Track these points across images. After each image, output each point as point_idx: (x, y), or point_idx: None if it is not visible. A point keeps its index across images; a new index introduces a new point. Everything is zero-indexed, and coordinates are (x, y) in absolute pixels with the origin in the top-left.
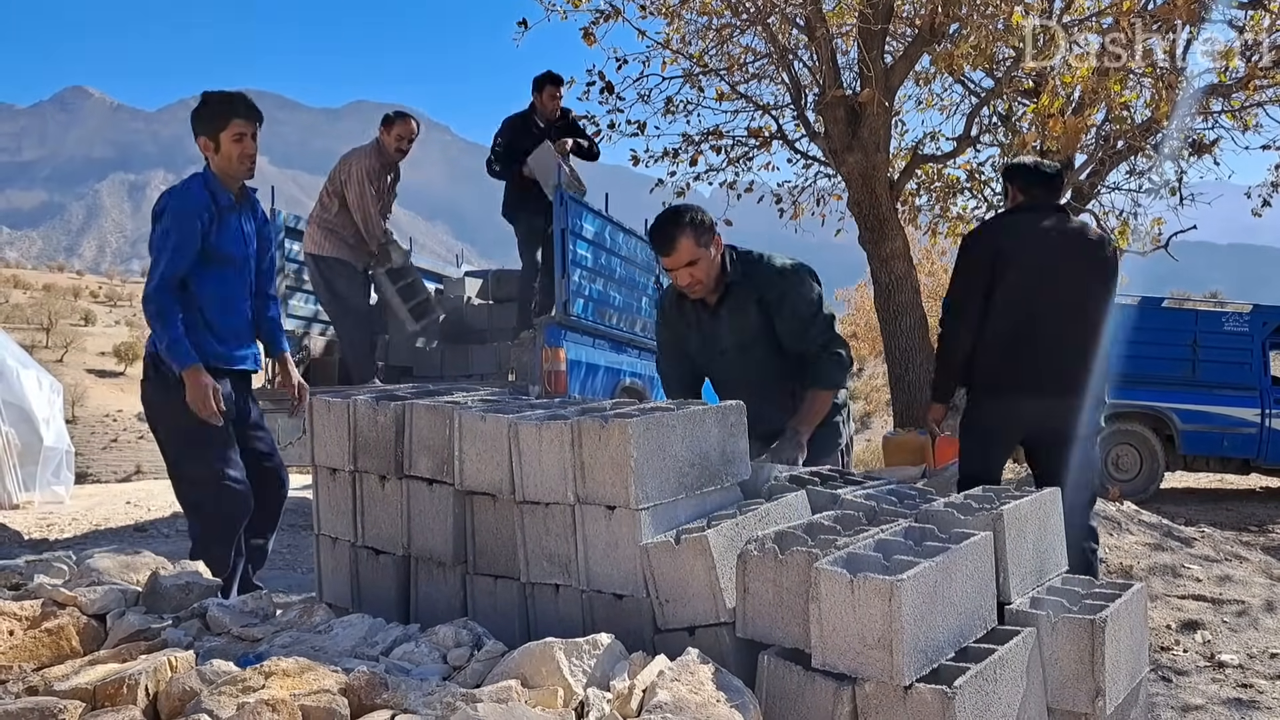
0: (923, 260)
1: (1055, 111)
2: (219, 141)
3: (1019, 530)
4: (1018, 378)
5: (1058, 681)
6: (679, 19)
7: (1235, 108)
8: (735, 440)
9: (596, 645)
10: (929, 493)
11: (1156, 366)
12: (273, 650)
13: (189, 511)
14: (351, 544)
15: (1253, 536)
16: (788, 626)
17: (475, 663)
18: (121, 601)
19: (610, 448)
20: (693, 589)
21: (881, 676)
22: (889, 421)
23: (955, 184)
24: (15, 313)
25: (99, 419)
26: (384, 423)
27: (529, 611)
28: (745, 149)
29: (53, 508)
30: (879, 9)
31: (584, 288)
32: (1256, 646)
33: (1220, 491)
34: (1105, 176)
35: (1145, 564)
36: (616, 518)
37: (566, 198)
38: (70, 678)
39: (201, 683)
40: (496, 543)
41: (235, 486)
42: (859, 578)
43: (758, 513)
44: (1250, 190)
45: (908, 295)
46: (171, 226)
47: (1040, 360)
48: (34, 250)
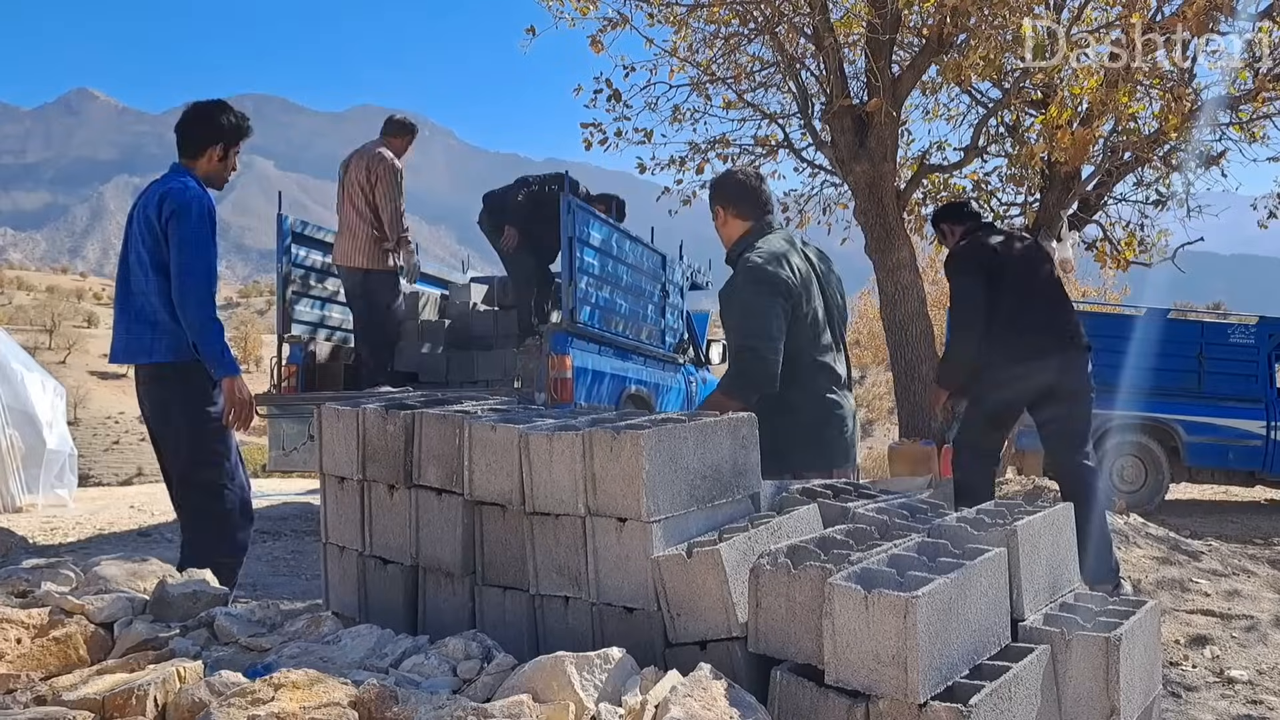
0: (927, 269)
1: (1063, 123)
2: (228, 153)
3: (1033, 546)
4: (1036, 344)
5: (1072, 699)
6: (687, 27)
7: (1243, 120)
8: (747, 452)
9: (608, 659)
10: (941, 507)
11: (1162, 378)
12: (281, 661)
13: (194, 517)
14: (359, 553)
15: (1259, 549)
16: (800, 642)
17: (485, 676)
18: (129, 610)
19: (622, 459)
20: (704, 603)
21: (896, 694)
22: (892, 430)
23: (962, 194)
24: (19, 314)
25: (101, 421)
26: (393, 431)
27: (538, 624)
28: (752, 158)
29: (56, 511)
30: (887, 19)
31: (590, 295)
32: (1266, 662)
33: (1225, 503)
34: (1112, 188)
35: (1153, 578)
36: (628, 530)
37: (574, 205)
38: (78, 687)
39: (211, 694)
40: (506, 554)
41: (243, 492)
42: (873, 593)
43: (769, 526)
44: (1256, 202)
45: (913, 305)
46: (209, 235)
47: (1047, 329)
48: (38, 252)
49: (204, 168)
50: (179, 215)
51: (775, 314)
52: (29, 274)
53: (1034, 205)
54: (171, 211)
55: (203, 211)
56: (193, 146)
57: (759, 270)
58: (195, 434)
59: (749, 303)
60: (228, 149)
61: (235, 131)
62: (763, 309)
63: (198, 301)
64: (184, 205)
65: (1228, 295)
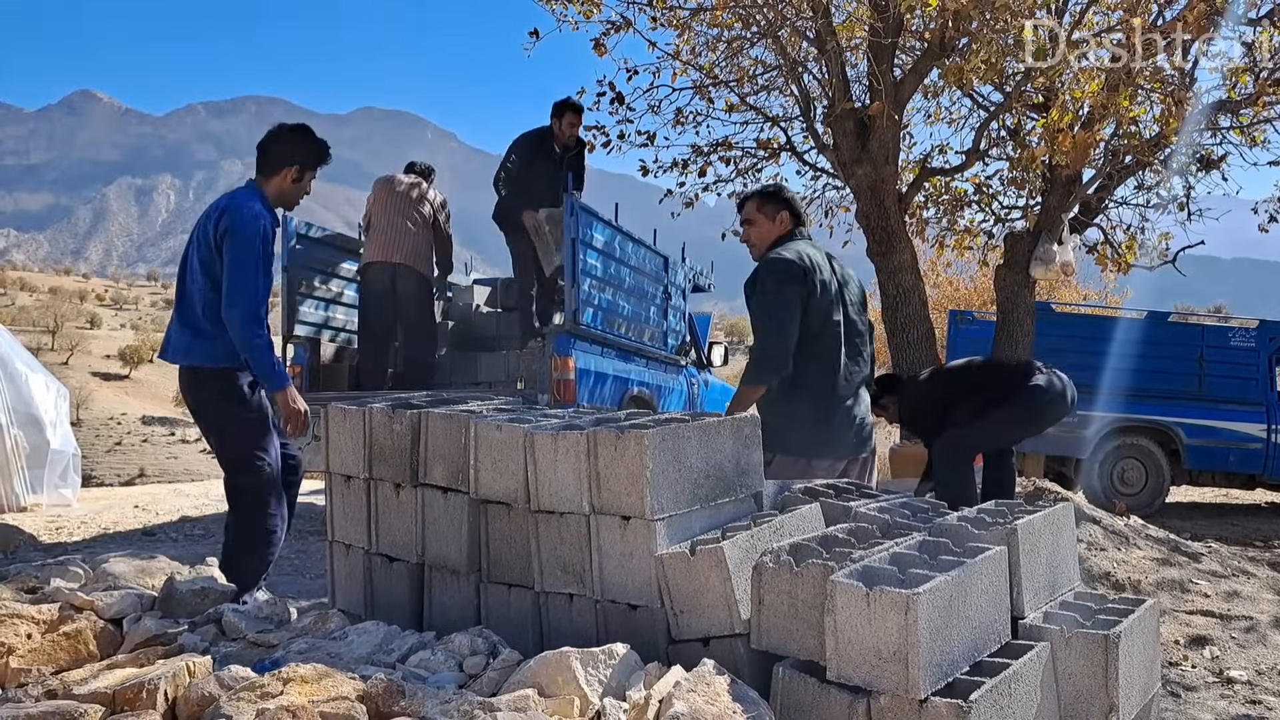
0: (929, 272)
1: (1064, 126)
2: (303, 176)
3: (1033, 545)
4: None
5: (1071, 697)
6: (690, 31)
7: (1244, 124)
8: (750, 452)
9: (612, 655)
10: (941, 506)
11: (1162, 381)
12: (289, 656)
13: (235, 518)
14: (365, 551)
15: (1259, 552)
16: (803, 639)
17: (491, 671)
18: (138, 606)
19: (626, 458)
20: (708, 600)
21: (897, 690)
22: (893, 432)
23: (963, 197)
24: (22, 315)
25: (103, 421)
26: (399, 431)
27: (543, 620)
28: (754, 160)
29: (60, 511)
30: (889, 23)
31: (593, 296)
32: (1265, 663)
33: (1225, 506)
34: (1113, 191)
35: (1153, 579)
36: (631, 528)
37: (576, 206)
38: (89, 681)
39: (220, 688)
40: (511, 551)
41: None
42: (875, 591)
43: (772, 524)
44: (1257, 205)
45: (915, 307)
46: (259, 256)
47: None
48: (40, 253)
49: (277, 186)
50: (232, 233)
51: (790, 301)
52: (32, 275)
53: (1035, 208)
54: (226, 228)
55: (257, 232)
56: (269, 165)
57: (779, 261)
58: (228, 435)
59: (767, 291)
60: (303, 172)
61: (313, 156)
62: (778, 296)
63: (242, 320)
64: (239, 224)
65: (1229, 298)
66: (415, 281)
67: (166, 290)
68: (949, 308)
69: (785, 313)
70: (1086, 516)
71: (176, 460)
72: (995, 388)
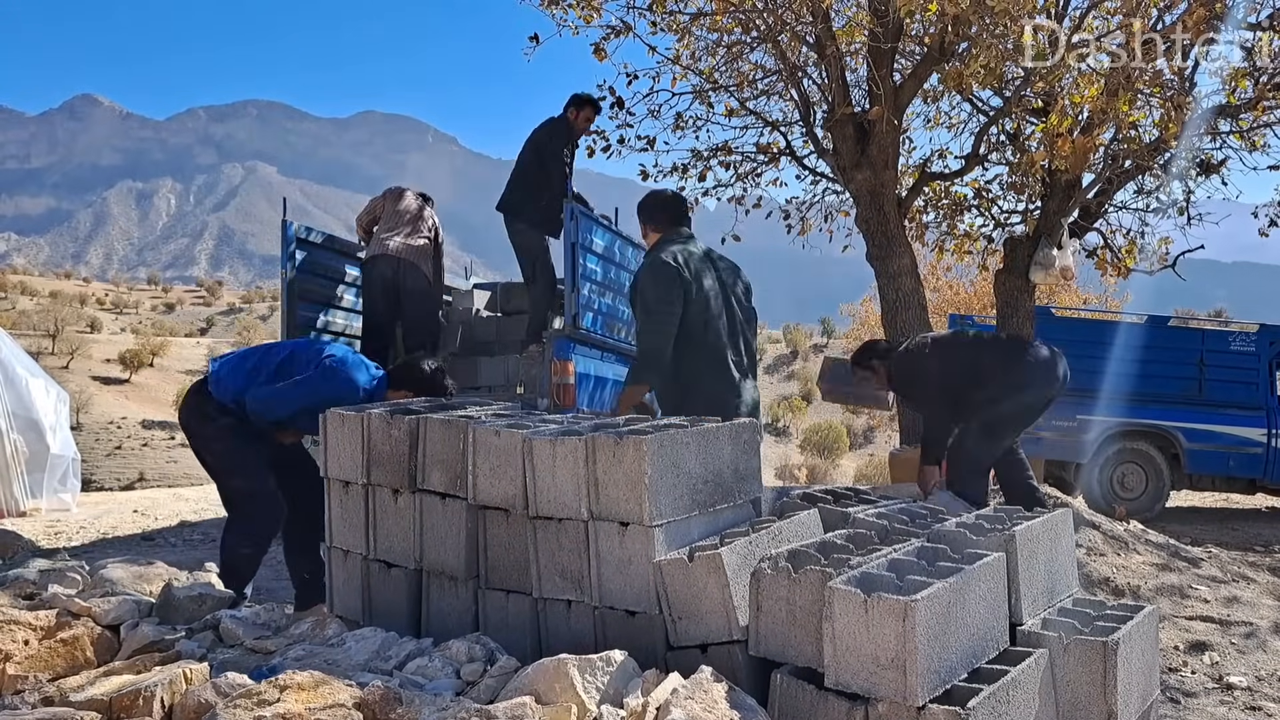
0: (928, 276)
1: (1064, 131)
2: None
3: (1031, 551)
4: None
5: (1070, 703)
6: (690, 35)
7: (1244, 128)
8: (748, 458)
9: (610, 662)
10: (940, 512)
11: (1162, 385)
12: (286, 663)
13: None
14: (363, 557)
15: (1259, 557)
16: (801, 645)
17: (489, 678)
18: (135, 612)
19: (625, 464)
20: (706, 606)
21: (895, 697)
22: (893, 437)
23: (963, 201)
24: (22, 319)
25: (103, 426)
26: (398, 436)
27: (541, 627)
28: (754, 165)
29: (60, 515)
30: (889, 27)
31: (593, 301)
32: (1265, 669)
33: (1225, 511)
34: (1113, 195)
35: (1152, 584)
36: (630, 534)
37: (576, 211)
38: (86, 688)
39: (217, 695)
40: (509, 558)
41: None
42: (873, 597)
43: (770, 530)
44: (1257, 209)
45: (914, 311)
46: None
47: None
48: (41, 257)
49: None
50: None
51: (667, 297)
52: (32, 279)
53: (1035, 213)
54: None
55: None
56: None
57: (655, 261)
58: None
59: (645, 290)
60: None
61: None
62: (656, 293)
63: (265, 407)
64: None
65: (1229, 303)
66: (419, 278)
67: (166, 295)
68: (949, 312)
69: (663, 310)
70: (1086, 521)
71: (176, 465)
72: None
